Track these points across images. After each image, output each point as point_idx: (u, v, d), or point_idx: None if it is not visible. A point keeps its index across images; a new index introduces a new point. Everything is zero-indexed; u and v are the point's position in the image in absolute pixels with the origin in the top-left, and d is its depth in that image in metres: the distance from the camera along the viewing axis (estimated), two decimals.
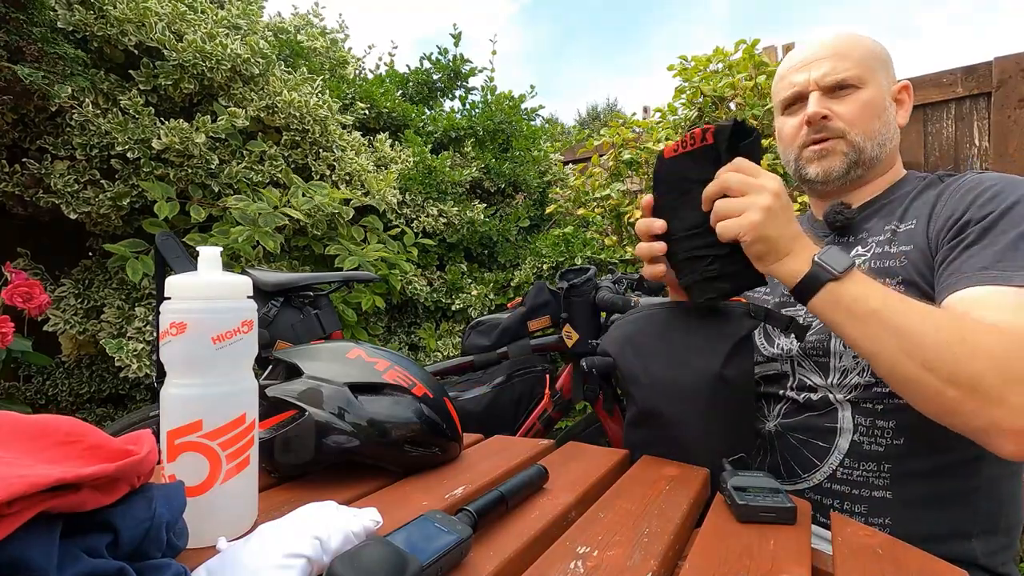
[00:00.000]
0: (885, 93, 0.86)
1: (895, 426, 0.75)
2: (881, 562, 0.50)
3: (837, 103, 0.84)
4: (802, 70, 0.87)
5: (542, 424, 1.65)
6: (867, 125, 0.84)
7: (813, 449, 0.81)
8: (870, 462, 0.77)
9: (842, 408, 0.80)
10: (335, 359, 0.69)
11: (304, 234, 2.06)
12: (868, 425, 0.77)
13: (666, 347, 0.77)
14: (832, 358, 0.81)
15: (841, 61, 0.84)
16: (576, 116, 15.45)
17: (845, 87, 0.84)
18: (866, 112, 0.83)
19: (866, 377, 0.78)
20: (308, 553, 0.40)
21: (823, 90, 0.85)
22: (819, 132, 0.86)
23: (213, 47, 1.88)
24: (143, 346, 1.75)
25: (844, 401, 0.80)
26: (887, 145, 0.86)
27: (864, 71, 0.84)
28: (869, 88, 0.84)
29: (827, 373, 0.82)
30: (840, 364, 0.81)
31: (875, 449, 0.76)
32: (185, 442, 0.47)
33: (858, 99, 0.84)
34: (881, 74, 0.86)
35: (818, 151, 0.86)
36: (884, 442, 0.76)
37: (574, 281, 1.57)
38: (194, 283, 0.48)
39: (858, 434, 0.78)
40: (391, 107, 2.85)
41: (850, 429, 0.78)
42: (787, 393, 0.87)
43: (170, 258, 1.34)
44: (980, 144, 2.39)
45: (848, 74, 0.83)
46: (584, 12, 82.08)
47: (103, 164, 1.82)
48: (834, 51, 0.85)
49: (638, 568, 0.46)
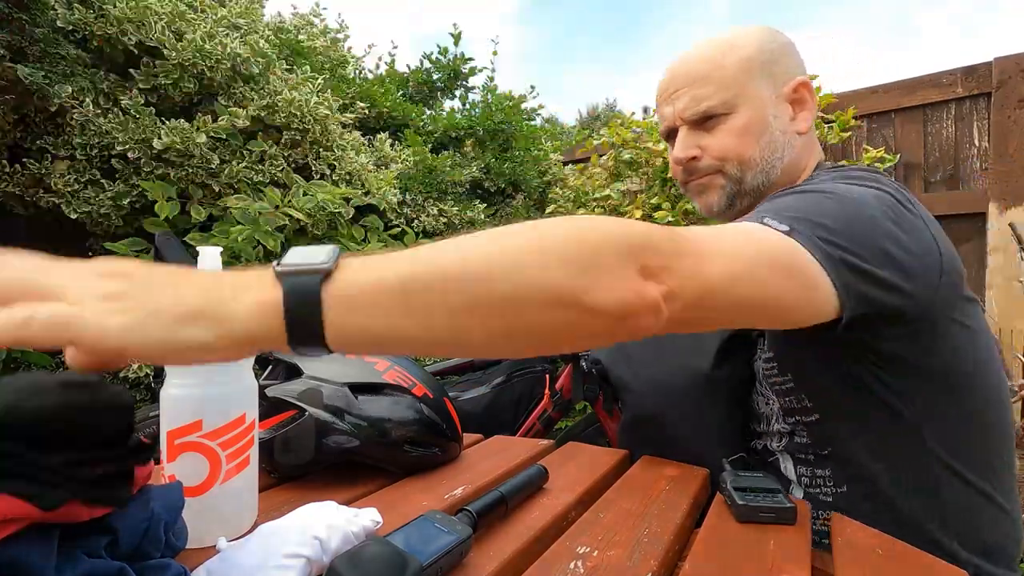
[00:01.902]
0: (768, 105, 0.74)
1: (831, 474, 0.71)
2: (881, 562, 0.50)
3: (707, 135, 0.76)
4: (668, 101, 0.78)
5: (542, 424, 1.65)
6: (743, 155, 0.74)
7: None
8: (827, 510, 0.71)
9: (783, 459, 0.76)
10: (335, 359, 0.69)
11: (304, 234, 2.06)
12: (809, 476, 0.73)
13: (655, 350, 0.77)
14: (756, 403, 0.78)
15: (703, 87, 0.74)
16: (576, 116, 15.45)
17: (713, 116, 0.75)
18: (741, 141, 0.74)
19: (782, 424, 0.74)
20: (308, 553, 0.40)
21: (689, 124, 0.76)
22: (691, 174, 0.79)
23: (213, 46, 1.88)
24: None
25: (781, 451, 0.76)
26: (777, 165, 0.75)
27: (733, 93, 0.73)
28: (742, 111, 0.74)
29: (759, 419, 0.79)
30: (762, 410, 0.77)
31: (825, 500, 0.71)
32: (185, 442, 0.47)
33: (730, 128, 0.74)
34: (759, 85, 0.74)
35: (696, 187, 0.79)
36: (829, 491, 0.71)
37: None
38: None
39: (804, 486, 0.74)
40: (391, 107, 2.85)
41: (796, 481, 0.74)
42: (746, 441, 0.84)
43: (170, 258, 1.34)
44: (980, 144, 2.39)
45: (712, 103, 0.74)
46: (584, 12, 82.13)
47: (103, 164, 1.82)
48: (695, 77, 0.75)
49: (638, 568, 0.46)
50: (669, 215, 2.20)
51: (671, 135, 0.81)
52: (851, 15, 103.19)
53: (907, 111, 2.50)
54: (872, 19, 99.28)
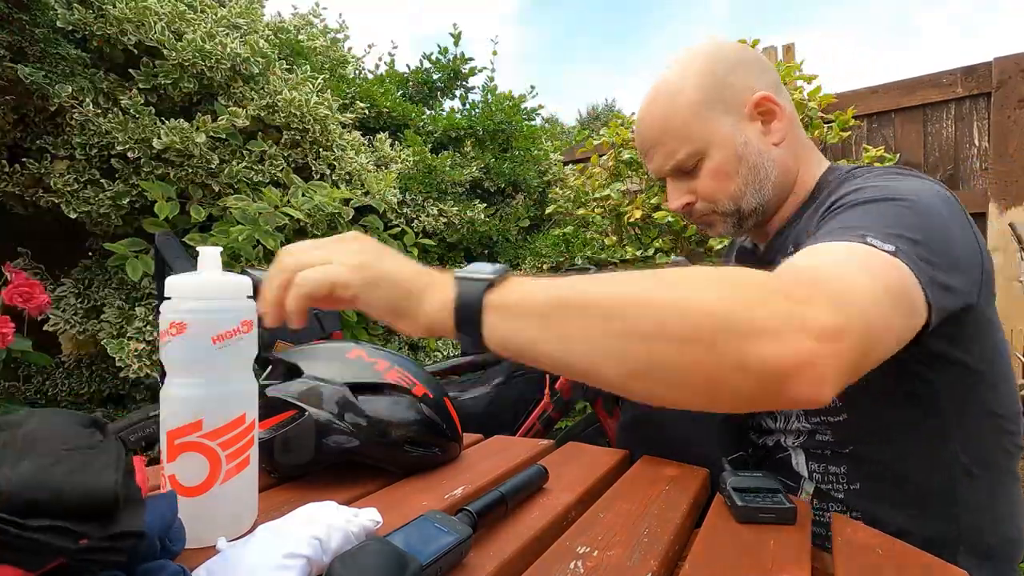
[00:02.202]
0: (734, 136, 0.75)
1: (846, 471, 0.72)
2: (881, 562, 0.50)
3: (692, 180, 0.78)
4: (645, 159, 0.83)
5: (542, 424, 1.65)
6: (727, 189, 0.76)
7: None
8: (836, 505, 0.73)
9: (795, 454, 0.77)
10: (335, 359, 0.69)
11: (304, 234, 2.06)
12: (822, 472, 0.74)
13: None
14: None
15: (668, 142, 0.77)
16: (576, 116, 15.45)
17: (688, 165, 0.77)
18: (720, 179, 0.76)
19: (803, 423, 0.75)
20: (308, 553, 0.40)
21: (671, 177, 0.80)
22: (690, 215, 0.82)
23: (213, 46, 1.88)
24: (143, 346, 1.75)
25: (796, 447, 0.77)
26: (765, 185, 0.76)
27: (698, 138, 0.75)
28: (713, 152, 0.75)
29: (775, 417, 0.79)
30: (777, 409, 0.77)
31: (836, 496, 0.73)
32: (185, 442, 0.47)
33: (707, 172, 0.76)
34: (719, 119, 0.74)
35: (701, 224, 0.83)
36: (841, 488, 0.72)
37: None
38: (194, 283, 0.48)
39: (815, 481, 0.74)
40: (391, 107, 2.85)
41: (808, 476, 0.75)
42: (751, 436, 0.85)
43: (170, 258, 1.34)
44: (980, 144, 2.39)
45: (680, 157, 0.76)
46: (584, 12, 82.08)
47: (103, 164, 1.82)
48: (656, 139, 0.78)
49: (638, 568, 0.46)
50: (669, 215, 2.21)
51: (663, 180, 0.84)
52: (851, 15, 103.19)
53: (907, 111, 2.50)
54: (872, 19, 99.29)
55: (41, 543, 0.31)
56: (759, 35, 4.54)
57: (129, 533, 0.34)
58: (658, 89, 0.78)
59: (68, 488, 0.33)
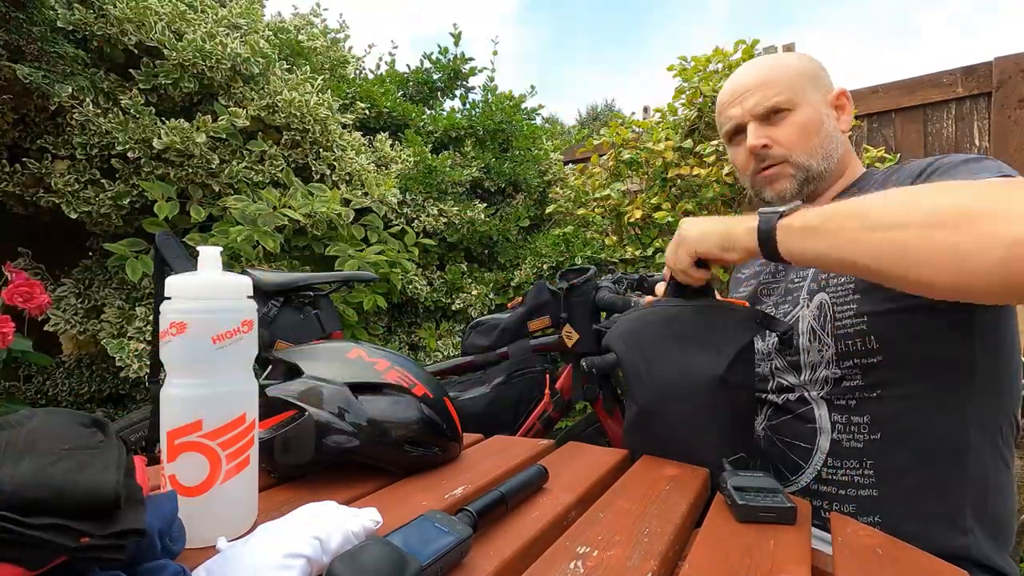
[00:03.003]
0: (820, 107, 0.88)
1: (870, 420, 0.76)
2: (881, 562, 0.50)
3: (775, 129, 0.88)
4: (735, 104, 0.91)
5: (542, 424, 1.65)
6: (807, 144, 0.87)
7: (798, 451, 0.82)
8: (852, 460, 0.77)
9: (818, 406, 0.81)
10: (335, 359, 0.69)
11: (304, 234, 2.06)
12: (844, 422, 0.78)
13: (671, 347, 0.77)
14: (802, 354, 0.84)
15: (769, 89, 0.87)
16: (576, 116, 15.45)
17: (779, 111, 0.87)
18: (804, 132, 0.87)
19: (832, 369, 0.80)
20: (308, 553, 0.40)
21: (758, 119, 0.88)
22: (763, 160, 0.89)
23: (213, 46, 1.88)
24: (144, 346, 1.75)
25: (819, 399, 0.81)
26: (833, 155, 0.88)
27: (793, 93, 0.87)
28: (802, 108, 0.87)
29: (799, 371, 0.85)
30: (809, 360, 0.83)
31: (854, 446, 0.77)
32: (185, 442, 0.47)
33: (793, 122, 0.87)
34: (812, 91, 0.88)
35: (768, 177, 0.90)
36: (862, 438, 0.77)
37: (574, 281, 1.57)
38: (194, 283, 0.48)
39: (836, 432, 0.79)
40: (391, 107, 2.85)
41: (828, 428, 0.80)
42: (769, 396, 0.89)
43: (170, 258, 1.34)
44: (980, 144, 2.39)
45: (778, 99, 0.87)
46: (584, 12, 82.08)
47: (103, 164, 1.82)
48: (761, 80, 0.88)
49: (638, 568, 0.46)
50: (669, 215, 2.21)
51: (737, 134, 0.93)
52: (851, 15, 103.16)
53: (907, 111, 2.50)
54: (872, 19, 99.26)
55: (42, 541, 0.31)
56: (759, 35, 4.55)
57: (130, 531, 0.34)
58: (764, 57, 0.94)
59: (69, 487, 0.33)
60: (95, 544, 0.33)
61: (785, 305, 0.89)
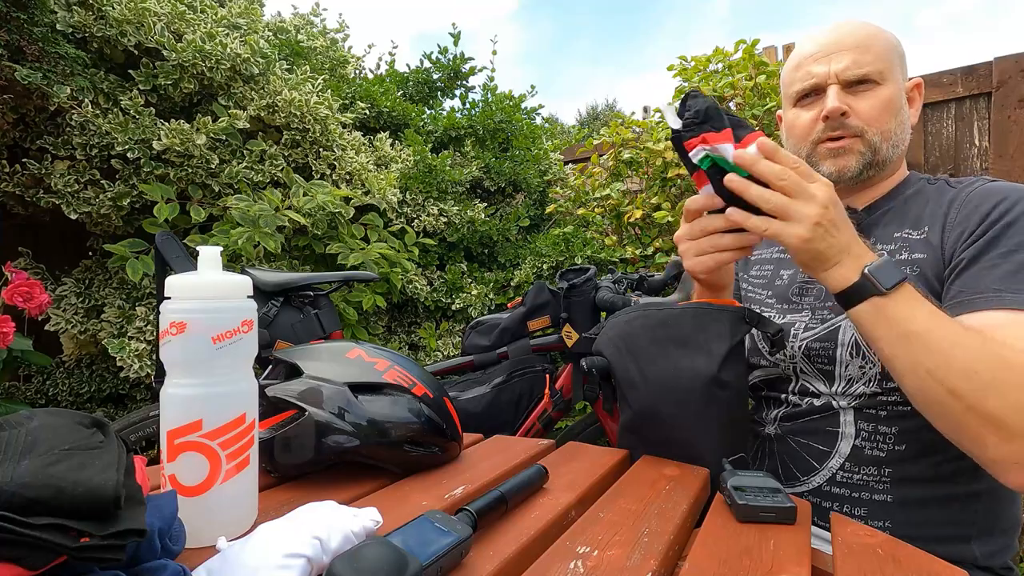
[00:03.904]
0: (902, 91, 0.82)
1: (898, 431, 0.75)
2: (881, 562, 0.50)
3: (856, 99, 0.80)
4: (822, 61, 0.81)
5: (542, 424, 1.65)
6: (885, 125, 0.80)
7: (813, 452, 0.81)
8: (871, 466, 0.76)
9: (844, 413, 0.79)
10: (335, 359, 0.69)
11: (304, 234, 2.06)
12: (870, 431, 0.77)
13: (662, 349, 0.77)
14: (838, 366, 0.80)
15: (863, 54, 0.79)
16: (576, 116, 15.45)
17: (866, 82, 0.79)
18: (885, 111, 0.80)
19: (872, 387, 0.77)
20: (308, 553, 0.40)
21: (843, 84, 0.80)
22: (836, 129, 0.81)
23: (213, 47, 1.88)
24: (144, 346, 1.75)
25: (847, 407, 0.79)
26: (900, 146, 0.82)
27: (885, 66, 0.79)
28: (889, 85, 0.80)
29: (832, 381, 0.81)
30: (846, 373, 0.79)
31: (876, 454, 0.76)
32: (185, 442, 0.47)
33: (878, 96, 0.79)
34: (899, 70, 0.81)
35: (834, 148, 0.82)
36: (886, 447, 0.75)
37: (574, 281, 1.57)
38: (194, 283, 0.48)
39: (859, 439, 0.77)
40: (391, 106, 2.85)
41: (852, 434, 0.78)
42: (789, 397, 0.86)
43: (170, 258, 1.34)
44: (980, 144, 2.39)
45: (870, 68, 0.79)
46: (584, 11, 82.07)
47: (103, 164, 1.82)
48: (856, 43, 0.80)
49: (638, 568, 0.46)
50: (669, 215, 2.20)
51: (808, 94, 0.84)
52: (851, 15, 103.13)
53: None
54: (872, 19, 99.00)
55: (42, 541, 0.31)
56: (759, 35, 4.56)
57: (130, 531, 0.34)
58: (857, 20, 0.84)
59: (69, 487, 0.33)
60: (95, 544, 0.33)
61: (823, 311, 0.83)
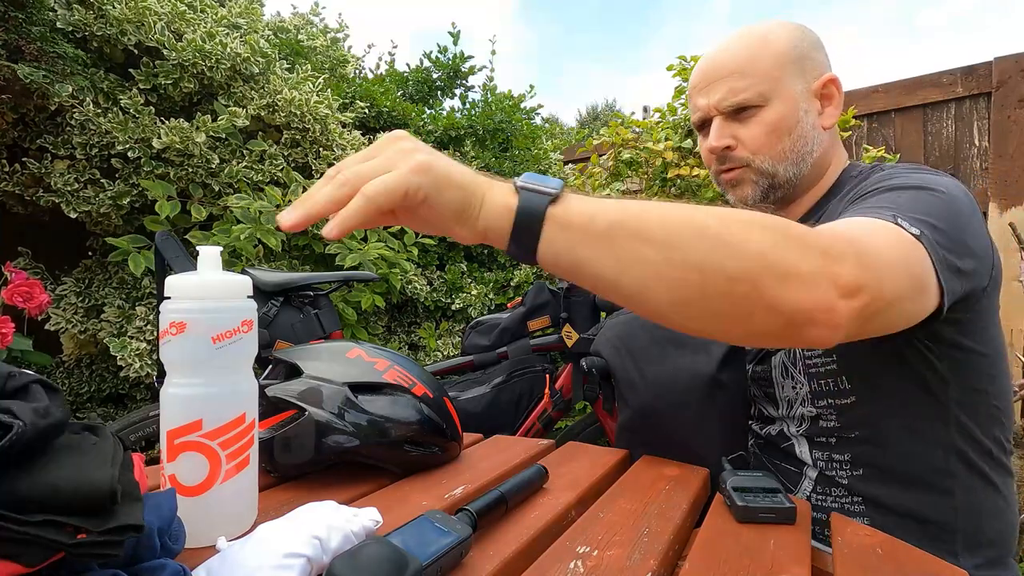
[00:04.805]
0: (799, 100, 0.77)
1: (851, 459, 0.73)
2: (881, 562, 0.50)
3: (742, 126, 0.78)
4: (703, 92, 0.80)
5: (542, 424, 1.65)
6: (774, 148, 0.77)
7: (787, 476, 0.80)
8: (840, 490, 0.74)
9: (799, 443, 0.78)
10: (335, 359, 0.69)
11: (304, 233, 2.06)
12: (826, 459, 0.75)
13: (661, 349, 0.77)
14: (776, 388, 0.79)
15: (739, 80, 0.76)
16: (576, 116, 15.46)
17: (747, 108, 0.77)
18: (772, 134, 0.76)
19: (808, 408, 0.76)
20: (308, 553, 0.40)
21: (724, 114, 0.78)
22: (723, 163, 0.80)
23: (213, 46, 1.88)
24: (144, 345, 1.75)
25: (799, 436, 0.78)
26: (807, 159, 0.78)
27: (768, 86, 0.76)
28: (774, 104, 0.76)
29: (776, 405, 0.80)
30: (784, 395, 0.78)
31: (840, 480, 0.74)
32: (185, 442, 0.47)
33: (763, 121, 0.76)
34: (794, 79, 0.77)
35: (729, 180, 0.81)
36: (845, 474, 0.74)
37: None
38: (194, 283, 0.48)
39: (819, 466, 0.76)
40: (391, 106, 2.85)
41: (811, 463, 0.76)
42: (753, 426, 0.85)
43: (170, 257, 1.34)
44: (980, 144, 2.39)
45: (748, 94, 0.76)
46: (584, 12, 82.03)
47: (103, 163, 1.82)
48: (735, 67, 0.77)
49: (638, 568, 0.46)
50: None
51: (704, 125, 0.82)
52: (851, 15, 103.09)
53: (907, 111, 2.50)
54: (872, 19, 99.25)
55: (39, 538, 0.31)
56: None
57: (127, 527, 0.34)
58: (751, 30, 0.79)
59: (64, 483, 0.33)
60: (92, 540, 0.33)
61: None
